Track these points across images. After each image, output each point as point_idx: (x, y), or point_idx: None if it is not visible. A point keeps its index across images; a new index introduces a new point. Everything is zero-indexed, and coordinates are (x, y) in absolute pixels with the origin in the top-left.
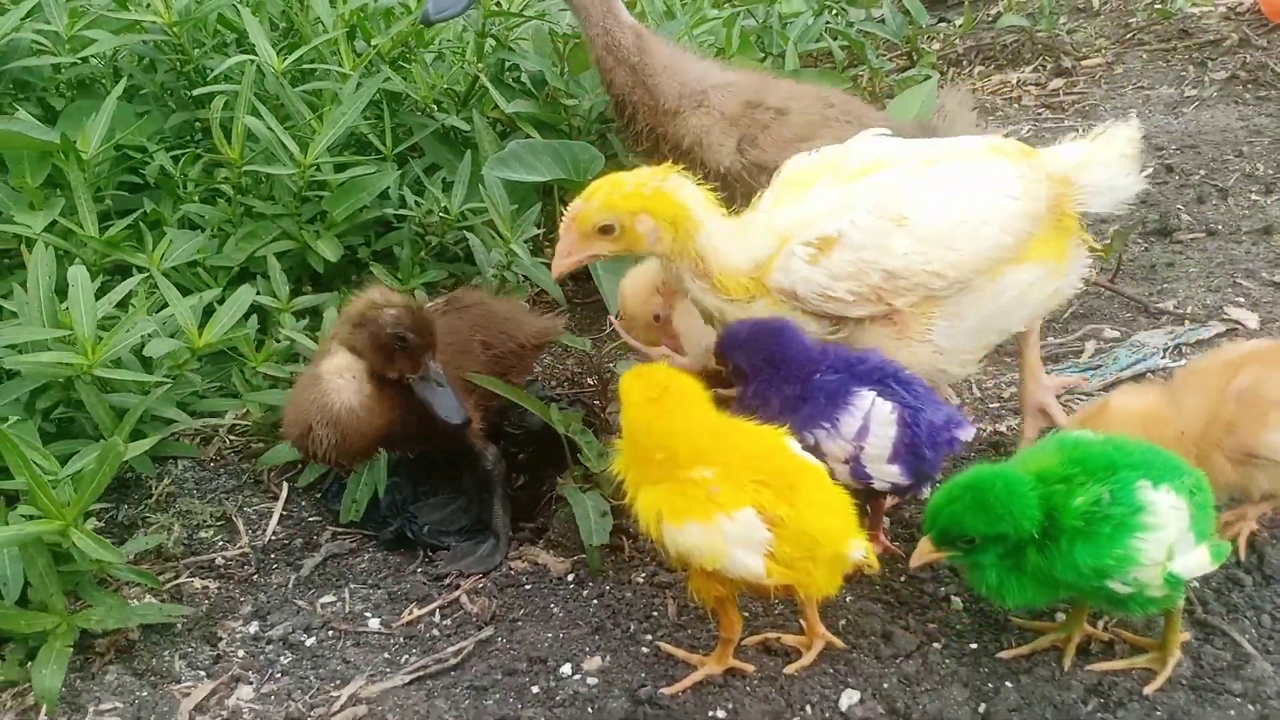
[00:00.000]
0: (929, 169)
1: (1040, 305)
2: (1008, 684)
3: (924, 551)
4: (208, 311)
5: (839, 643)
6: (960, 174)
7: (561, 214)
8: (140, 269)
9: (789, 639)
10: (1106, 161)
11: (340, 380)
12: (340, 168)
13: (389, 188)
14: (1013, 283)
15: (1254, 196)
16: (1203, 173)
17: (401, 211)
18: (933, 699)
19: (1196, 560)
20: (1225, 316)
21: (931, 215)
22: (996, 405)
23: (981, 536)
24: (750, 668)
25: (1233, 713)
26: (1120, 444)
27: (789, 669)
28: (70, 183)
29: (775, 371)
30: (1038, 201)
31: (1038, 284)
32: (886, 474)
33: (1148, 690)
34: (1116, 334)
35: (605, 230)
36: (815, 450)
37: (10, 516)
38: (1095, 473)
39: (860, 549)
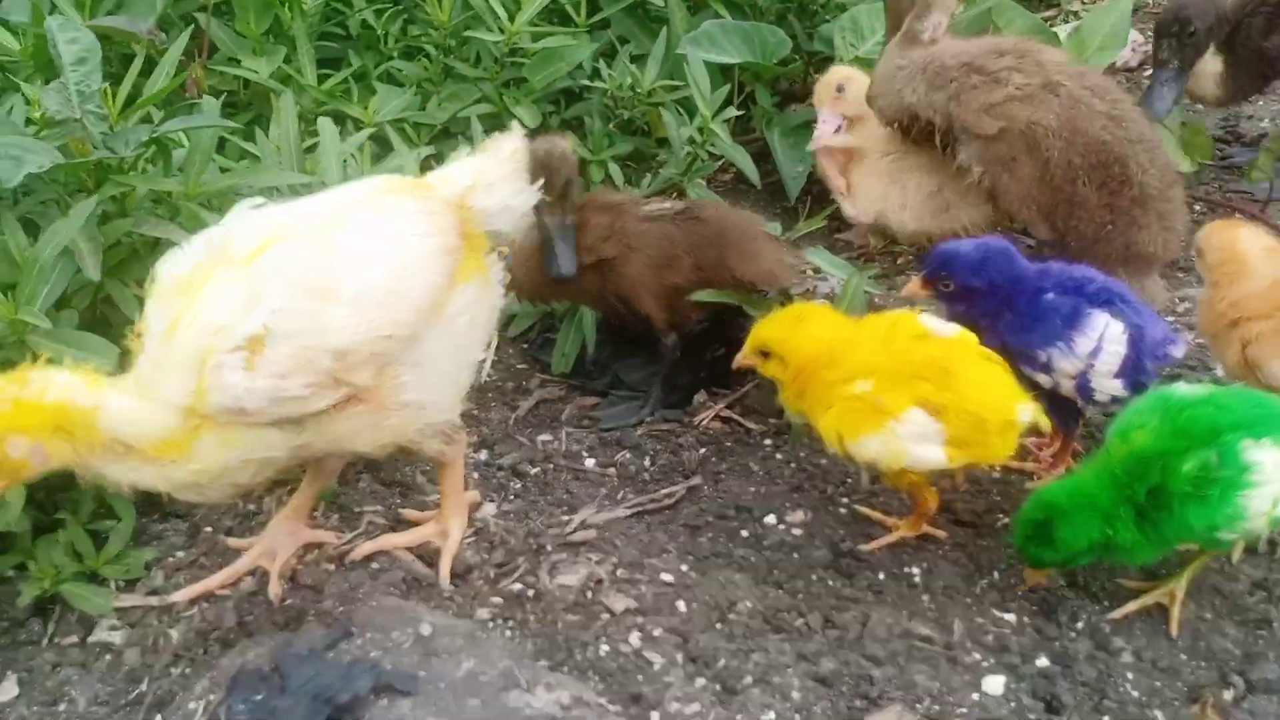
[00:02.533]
0: (328, 233)
1: (489, 324)
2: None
3: (1031, 578)
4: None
5: None
6: (364, 228)
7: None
8: (356, 122)
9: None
10: (492, 184)
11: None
12: (536, 37)
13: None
14: (458, 309)
15: None
16: None
17: (592, 83)
18: (1110, 574)
19: None
20: None
21: (355, 279)
22: (1171, 320)
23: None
24: (943, 534)
25: None
26: (1221, 402)
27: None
28: (290, 31)
29: (1014, 289)
30: (448, 234)
31: (479, 302)
32: (1109, 388)
33: None
34: None
35: None
36: (1046, 367)
37: None
38: (1199, 437)
39: (1028, 410)
